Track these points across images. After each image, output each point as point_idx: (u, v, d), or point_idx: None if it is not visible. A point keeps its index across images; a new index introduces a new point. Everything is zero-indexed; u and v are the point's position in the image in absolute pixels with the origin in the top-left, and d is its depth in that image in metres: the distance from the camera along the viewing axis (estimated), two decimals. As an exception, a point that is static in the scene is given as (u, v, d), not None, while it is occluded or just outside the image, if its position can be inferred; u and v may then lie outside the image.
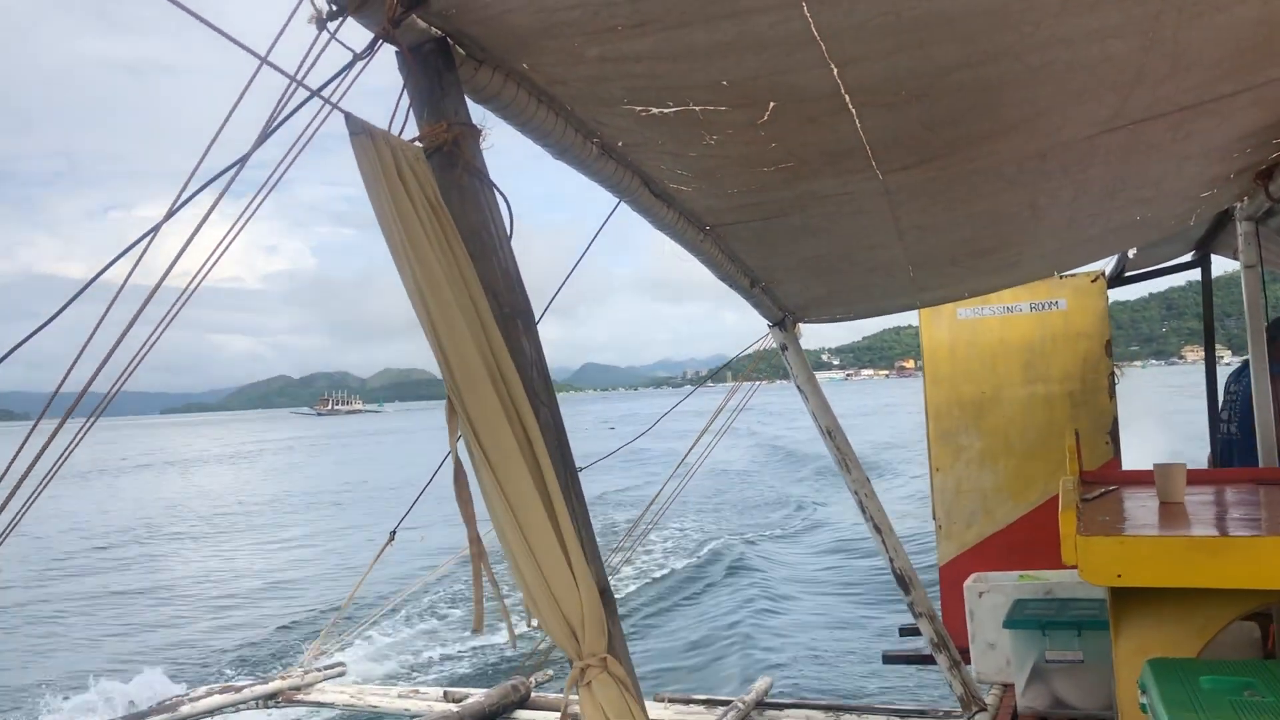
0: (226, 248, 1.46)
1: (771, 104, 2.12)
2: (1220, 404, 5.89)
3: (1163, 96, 2.64)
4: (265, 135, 1.45)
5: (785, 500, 27.55)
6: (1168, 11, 2.01)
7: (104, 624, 17.46)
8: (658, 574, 17.16)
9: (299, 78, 1.42)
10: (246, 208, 1.51)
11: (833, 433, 4.80)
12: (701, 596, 15.76)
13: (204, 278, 1.48)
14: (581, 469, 1.86)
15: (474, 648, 12.78)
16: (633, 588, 15.95)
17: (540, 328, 1.80)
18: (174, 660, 13.81)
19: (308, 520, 30.18)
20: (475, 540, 1.67)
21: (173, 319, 1.45)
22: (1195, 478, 3.70)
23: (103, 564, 24.40)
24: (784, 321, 4.67)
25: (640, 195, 2.61)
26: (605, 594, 1.63)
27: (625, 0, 1.59)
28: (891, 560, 4.76)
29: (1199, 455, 6.70)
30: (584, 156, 2.22)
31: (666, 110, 2.10)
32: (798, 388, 4.85)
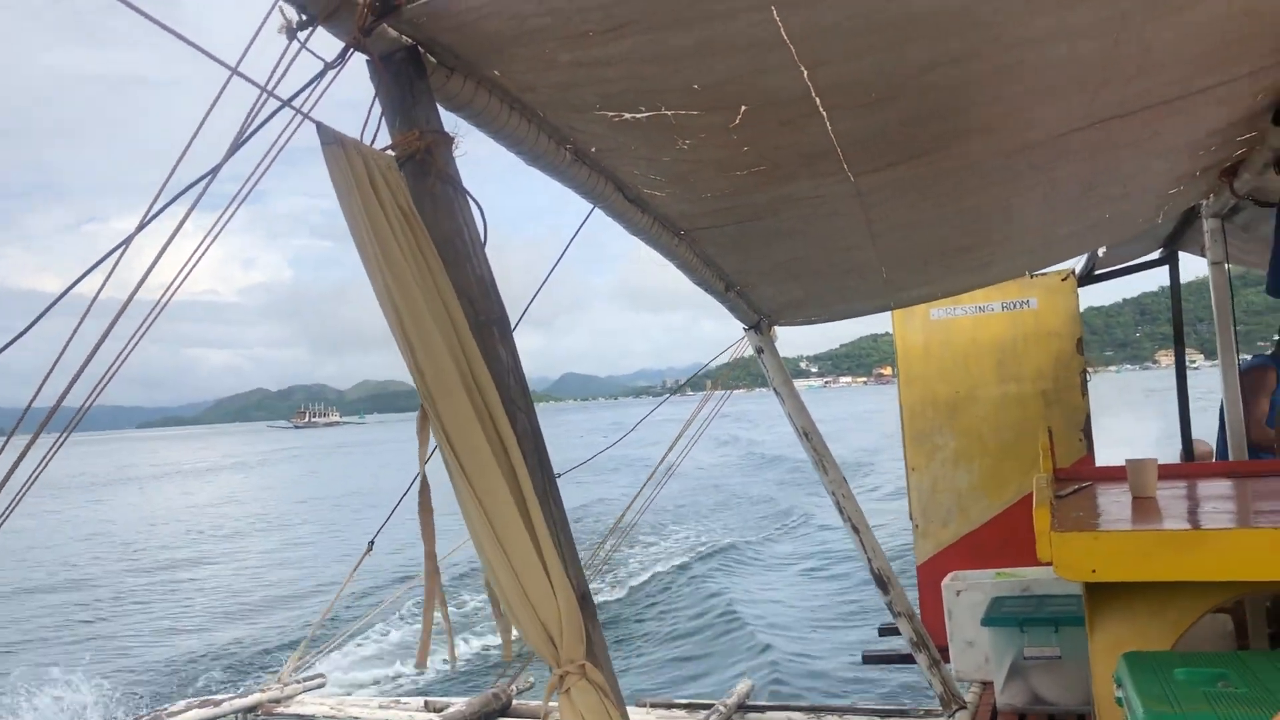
0: (199, 259, 1.45)
1: (743, 107, 2.13)
2: None
3: (1130, 95, 2.67)
4: (236, 146, 1.44)
5: (768, 499, 27.83)
6: (1134, 11, 2.04)
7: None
8: (640, 579, 17.20)
9: (270, 88, 1.42)
10: (219, 219, 1.50)
11: (809, 434, 4.81)
12: (682, 599, 15.79)
13: (176, 290, 1.47)
14: (560, 475, 1.86)
15: (458, 657, 12.74)
16: (611, 595, 15.99)
17: (519, 338, 1.80)
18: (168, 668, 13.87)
19: (351, 520, 30.57)
20: (432, 569, 1.67)
21: (146, 331, 1.44)
22: (1167, 472, 3.74)
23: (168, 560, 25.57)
24: (759, 325, 4.68)
25: (614, 201, 2.62)
26: (584, 599, 1.63)
27: (596, 6, 1.60)
28: (870, 560, 4.78)
29: (1171, 453, 6.77)
30: (557, 163, 2.23)
31: (639, 115, 2.10)
32: (774, 390, 4.86)
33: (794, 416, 4.82)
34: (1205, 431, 6.44)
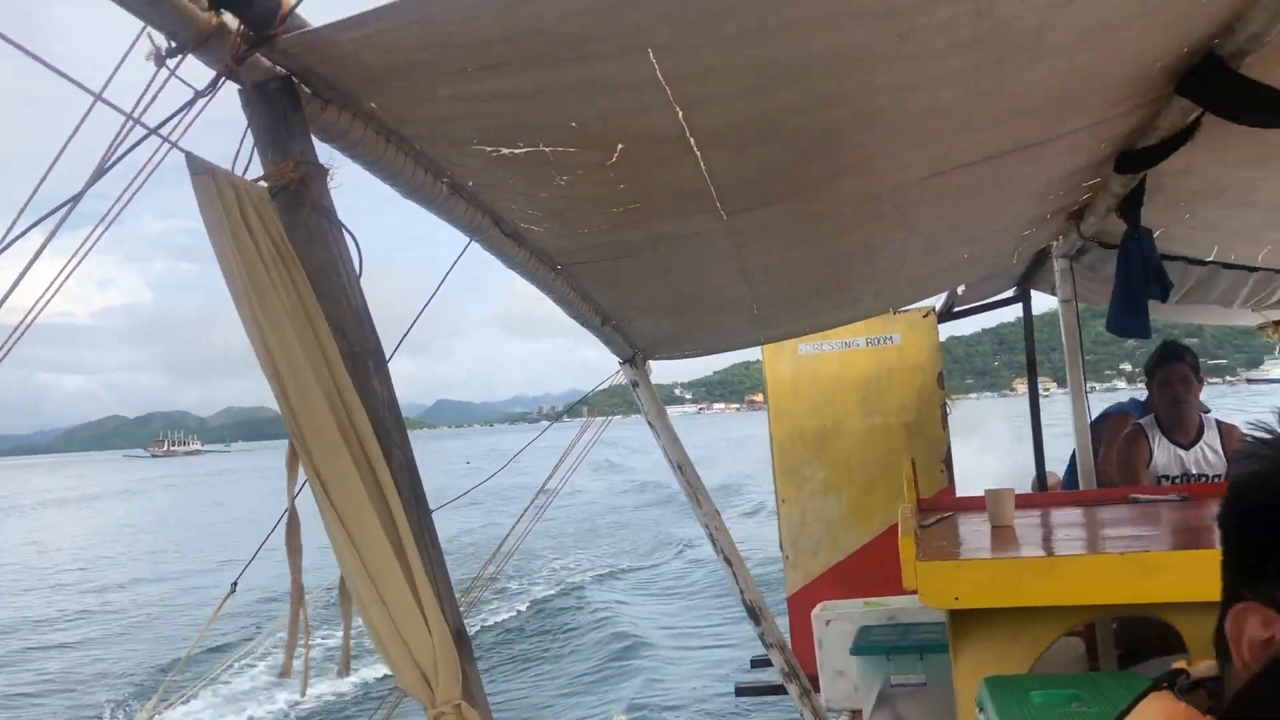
0: (60, 286, 1.40)
1: (620, 146, 2.16)
2: None
3: (986, 142, 2.80)
4: (99, 174, 1.40)
5: (648, 524, 28.09)
6: (988, 64, 2.15)
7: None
8: (508, 615, 17.02)
9: (136, 115, 1.38)
10: (81, 244, 1.45)
11: (683, 467, 4.86)
12: (557, 637, 15.69)
13: (37, 316, 1.41)
14: (436, 510, 1.84)
15: (325, 697, 12.37)
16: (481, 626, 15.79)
17: (392, 365, 1.78)
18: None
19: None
20: (298, 592, 1.63)
21: (3, 358, 1.38)
22: (1023, 502, 3.90)
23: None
24: (635, 358, 4.72)
25: (491, 234, 2.61)
26: (460, 637, 1.60)
27: (475, 43, 1.60)
28: (742, 592, 4.84)
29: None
30: (433, 196, 2.21)
31: (516, 151, 2.11)
32: (649, 423, 4.90)
33: (668, 450, 4.86)
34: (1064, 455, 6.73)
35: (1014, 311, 7.29)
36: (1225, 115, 2.66)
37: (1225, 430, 5.07)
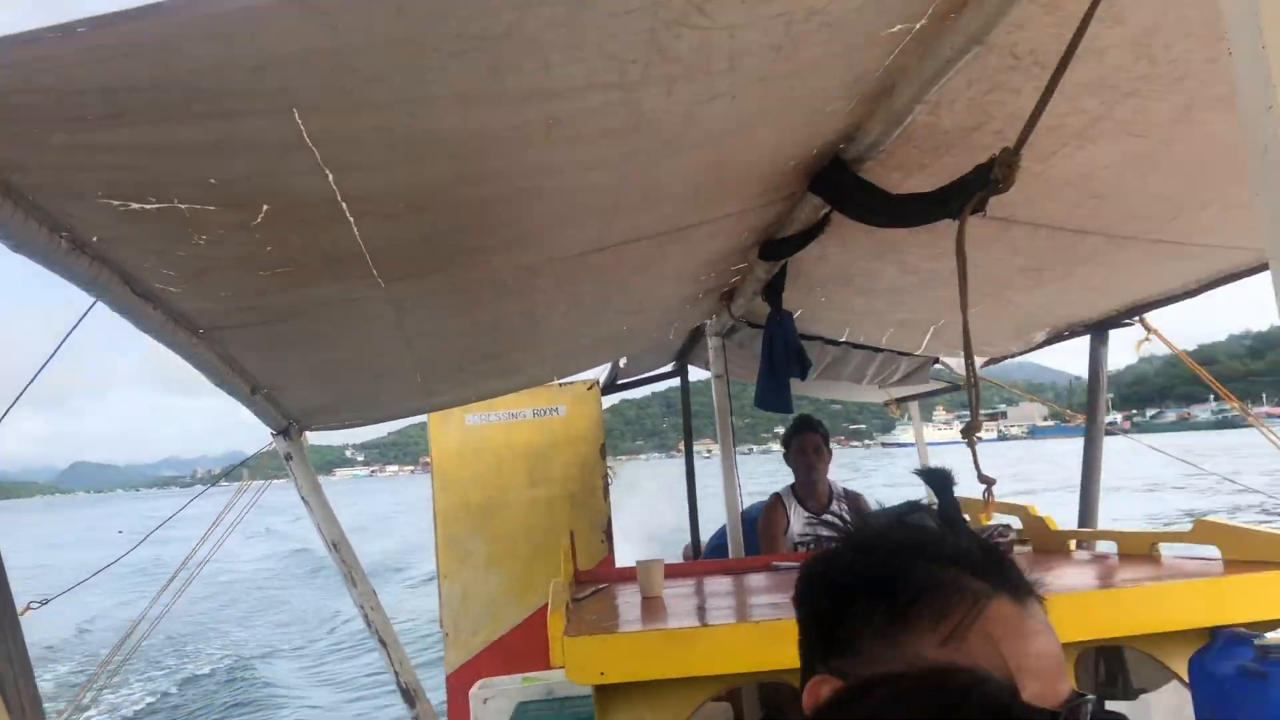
0: None
1: (265, 206, 2.05)
2: None
3: (639, 224, 2.92)
4: None
5: (310, 597, 26.75)
6: (637, 152, 2.24)
7: None
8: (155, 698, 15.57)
9: None
10: None
11: (338, 545, 4.63)
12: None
13: None
14: (34, 608, 1.63)
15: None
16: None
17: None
18: None
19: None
20: None
21: None
22: (674, 571, 4.03)
23: None
24: (289, 430, 4.47)
25: (119, 294, 2.38)
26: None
27: (95, 89, 1.47)
28: (397, 674, 4.65)
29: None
30: (49, 252, 1.99)
31: (148, 206, 1.95)
32: (303, 499, 4.64)
33: (323, 528, 4.63)
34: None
35: (679, 379, 7.66)
36: (847, 213, 2.92)
37: (851, 498, 5.52)
